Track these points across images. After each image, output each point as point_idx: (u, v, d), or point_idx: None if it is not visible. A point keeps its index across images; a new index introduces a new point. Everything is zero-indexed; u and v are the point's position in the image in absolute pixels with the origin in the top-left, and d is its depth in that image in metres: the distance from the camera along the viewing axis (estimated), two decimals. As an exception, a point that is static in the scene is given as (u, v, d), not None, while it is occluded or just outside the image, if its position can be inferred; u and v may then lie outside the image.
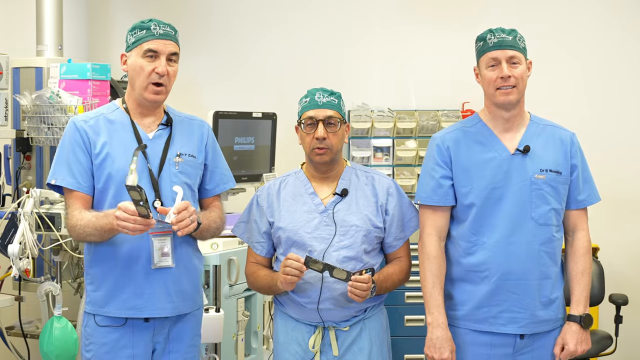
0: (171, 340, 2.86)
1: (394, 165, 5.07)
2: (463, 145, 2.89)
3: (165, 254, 2.79)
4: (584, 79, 5.14)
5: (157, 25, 2.80)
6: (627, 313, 4.65)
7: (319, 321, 2.92)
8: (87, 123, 2.83)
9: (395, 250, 3.02)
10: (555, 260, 2.87)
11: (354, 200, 2.97)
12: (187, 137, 2.91)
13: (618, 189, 4.93)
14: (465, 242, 2.87)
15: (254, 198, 3.08)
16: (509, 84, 2.79)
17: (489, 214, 2.83)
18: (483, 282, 2.84)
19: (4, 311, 3.80)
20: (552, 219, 2.84)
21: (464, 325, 2.89)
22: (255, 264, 3.06)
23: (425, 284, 2.88)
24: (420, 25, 5.22)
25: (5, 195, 4.02)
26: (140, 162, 2.78)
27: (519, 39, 2.82)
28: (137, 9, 5.12)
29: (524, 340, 2.85)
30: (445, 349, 2.83)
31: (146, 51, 2.77)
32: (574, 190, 2.89)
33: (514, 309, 2.83)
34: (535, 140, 2.87)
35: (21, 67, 3.96)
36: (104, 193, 2.79)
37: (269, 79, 5.23)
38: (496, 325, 2.84)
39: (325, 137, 2.90)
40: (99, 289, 2.82)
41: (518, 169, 2.84)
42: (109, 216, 2.68)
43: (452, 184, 2.89)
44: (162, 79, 2.78)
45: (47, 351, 3.43)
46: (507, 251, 2.81)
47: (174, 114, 2.94)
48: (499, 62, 2.80)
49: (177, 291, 2.84)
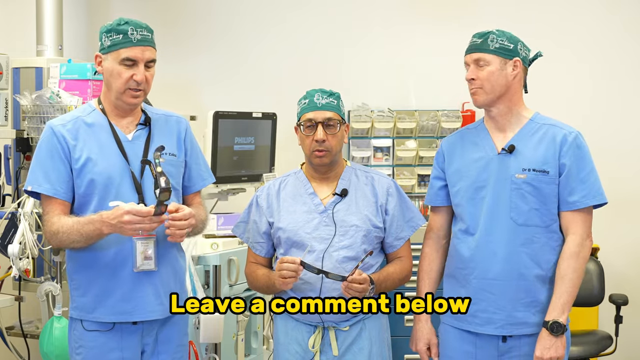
0: (160, 341, 2.84)
1: (394, 165, 5.07)
2: (459, 147, 2.94)
3: (148, 257, 2.76)
4: (584, 79, 5.14)
5: (134, 30, 2.74)
6: (627, 313, 4.64)
7: (318, 321, 2.92)
8: (65, 127, 2.78)
9: (396, 250, 3.02)
10: (539, 262, 2.82)
11: (353, 201, 2.97)
12: (166, 135, 2.87)
13: (618, 189, 4.91)
14: (455, 239, 2.93)
15: (253, 198, 3.08)
16: (472, 86, 2.85)
17: (474, 213, 2.86)
18: (465, 280, 2.88)
19: (4, 311, 3.80)
20: (534, 220, 2.81)
21: (449, 322, 2.93)
22: (254, 263, 3.06)
23: (417, 279, 3.02)
24: (420, 25, 5.22)
25: (5, 195, 4.01)
26: (121, 164, 2.76)
27: (491, 40, 2.82)
28: (137, 9, 5.12)
29: (507, 344, 2.83)
30: (420, 341, 2.97)
31: (124, 59, 2.72)
32: (563, 191, 2.83)
33: (490, 309, 2.83)
34: (527, 139, 2.86)
35: (21, 67, 3.95)
36: (87, 198, 2.75)
37: (269, 79, 5.23)
38: (474, 325, 2.86)
39: (324, 139, 2.90)
40: (86, 294, 2.79)
41: (500, 168, 2.85)
42: (95, 222, 2.65)
43: (443, 184, 2.97)
44: (140, 85, 2.74)
45: (47, 351, 3.43)
46: (486, 250, 2.83)
47: (150, 111, 2.90)
48: (468, 66, 2.87)
49: (166, 292, 2.82)
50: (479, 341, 2.86)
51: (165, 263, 2.82)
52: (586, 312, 4.69)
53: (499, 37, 2.83)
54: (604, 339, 4.51)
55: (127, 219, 2.61)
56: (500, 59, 2.82)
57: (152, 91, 2.89)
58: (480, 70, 2.83)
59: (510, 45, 2.83)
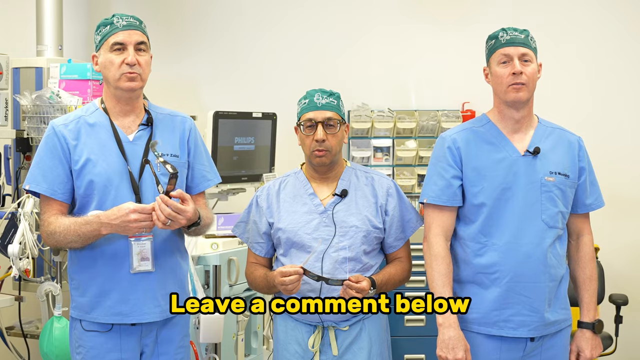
0: (160, 343, 2.83)
1: (394, 165, 5.07)
2: (473, 145, 2.85)
3: (145, 258, 2.75)
4: (584, 79, 5.15)
5: (119, 18, 2.77)
6: (627, 313, 4.65)
7: (318, 321, 2.92)
8: (67, 127, 2.78)
9: (396, 250, 3.02)
10: (562, 262, 2.86)
11: (353, 201, 2.97)
12: (168, 135, 2.85)
13: (618, 189, 4.93)
14: (475, 243, 2.83)
15: (253, 198, 3.08)
16: (520, 80, 2.75)
17: (499, 214, 2.80)
18: (493, 284, 2.80)
19: (4, 311, 3.80)
20: (559, 222, 2.83)
21: (473, 328, 2.84)
22: (254, 264, 3.06)
23: (434, 285, 2.82)
24: (420, 25, 5.22)
25: (5, 195, 4.01)
26: (120, 165, 2.75)
27: (530, 38, 2.81)
28: (137, 9, 5.12)
29: (533, 343, 2.83)
30: (459, 349, 2.75)
31: (112, 45, 2.74)
32: (581, 194, 2.88)
33: (524, 312, 2.80)
34: (544, 142, 2.85)
35: (21, 67, 3.95)
36: (87, 199, 2.75)
37: (269, 78, 5.23)
38: (506, 329, 2.81)
39: (324, 139, 2.90)
40: (85, 294, 2.79)
41: (528, 171, 2.81)
42: (93, 223, 2.66)
43: (461, 184, 2.85)
44: (133, 67, 2.73)
45: (47, 351, 3.43)
46: (518, 253, 2.78)
47: (155, 111, 2.89)
48: (511, 59, 2.77)
49: (164, 294, 2.80)
50: (505, 345, 2.82)
51: (164, 264, 2.80)
52: (586, 312, 4.69)
53: (533, 37, 2.82)
54: (604, 339, 4.51)
55: (133, 218, 2.61)
56: (535, 58, 2.81)
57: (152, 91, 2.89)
58: (526, 66, 2.77)
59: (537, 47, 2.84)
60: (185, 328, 2.93)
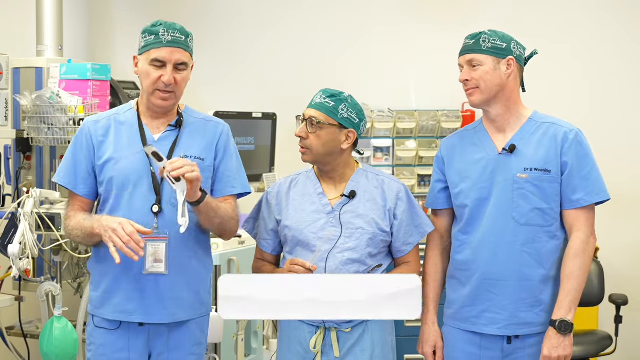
0: (170, 348, 2.82)
1: (394, 165, 5.07)
2: (458, 148, 2.94)
3: (159, 260, 2.74)
4: (582, 78, 5.15)
5: (165, 31, 2.74)
6: (627, 313, 4.65)
7: (320, 322, 2.92)
8: (98, 124, 2.83)
9: (404, 255, 3.00)
10: (542, 262, 2.82)
11: (361, 203, 2.96)
12: (197, 139, 2.84)
13: (618, 189, 4.90)
14: (456, 240, 2.93)
15: (264, 195, 3.08)
16: (467, 87, 2.87)
17: (478, 214, 2.86)
18: (468, 281, 2.88)
19: (4, 311, 3.80)
20: (537, 219, 2.81)
21: (452, 324, 2.94)
22: (261, 260, 3.06)
23: (422, 283, 2.95)
24: (420, 25, 5.23)
25: (5, 195, 4.01)
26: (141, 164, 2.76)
27: (483, 40, 2.83)
28: (137, 9, 5.11)
29: (512, 345, 2.83)
30: (426, 344, 2.96)
31: (153, 60, 2.72)
32: (566, 189, 2.82)
33: (493, 310, 2.83)
34: (528, 138, 2.85)
35: (21, 67, 3.95)
36: (107, 195, 2.79)
37: (269, 78, 5.24)
38: (478, 325, 2.86)
39: (301, 135, 2.91)
40: (97, 289, 2.83)
41: (502, 169, 2.85)
42: (94, 220, 2.70)
43: (444, 187, 2.97)
44: (169, 87, 2.73)
45: (47, 351, 3.43)
46: (488, 251, 2.83)
47: (190, 115, 2.89)
48: (462, 67, 2.89)
49: (172, 298, 2.78)
50: (484, 342, 2.86)
51: (177, 268, 2.78)
52: (586, 312, 4.69)
53: (491, 37, 2.83)
54: (603, 339, 4.51)
55: (115, 227, 2.60)
56: (493, 58, 2.82)
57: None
58: (474, 71, 2.84)
59: (503, 45, 2.83)
60: (198, 335, 2.88)
